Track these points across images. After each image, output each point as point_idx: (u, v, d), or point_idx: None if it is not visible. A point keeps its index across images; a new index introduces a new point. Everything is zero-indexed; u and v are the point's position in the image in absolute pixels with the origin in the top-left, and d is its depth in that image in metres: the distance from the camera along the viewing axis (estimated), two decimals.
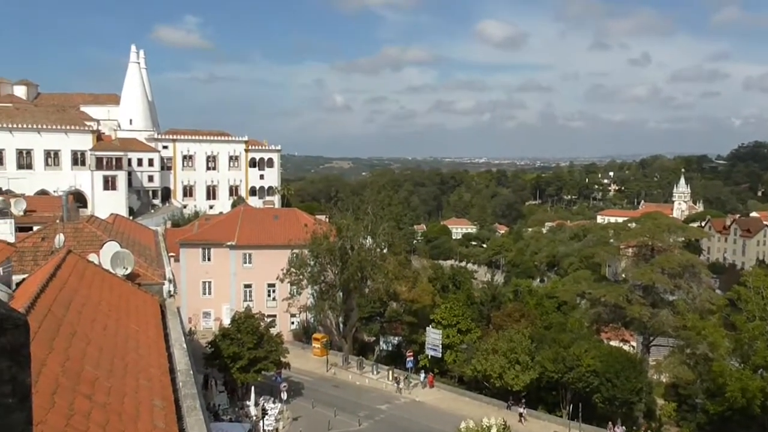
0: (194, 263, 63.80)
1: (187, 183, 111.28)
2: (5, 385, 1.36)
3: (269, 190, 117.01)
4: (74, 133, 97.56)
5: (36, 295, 10.72)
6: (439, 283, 75.37)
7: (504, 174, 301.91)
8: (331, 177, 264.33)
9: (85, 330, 10.87)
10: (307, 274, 56.91)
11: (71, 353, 9.14)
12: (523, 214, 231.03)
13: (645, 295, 59.11)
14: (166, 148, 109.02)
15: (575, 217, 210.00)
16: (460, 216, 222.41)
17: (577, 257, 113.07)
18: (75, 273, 15.08)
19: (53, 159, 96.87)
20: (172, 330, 15.41)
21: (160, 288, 20.28)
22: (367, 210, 61.59)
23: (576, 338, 50.98)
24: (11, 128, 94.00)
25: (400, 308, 65.70)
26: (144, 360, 11.60)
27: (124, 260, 19.39)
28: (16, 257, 22.44)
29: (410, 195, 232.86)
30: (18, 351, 1.36)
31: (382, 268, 56.88)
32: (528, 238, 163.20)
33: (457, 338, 53.97)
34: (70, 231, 25.95)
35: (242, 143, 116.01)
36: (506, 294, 76.39)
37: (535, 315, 60.98)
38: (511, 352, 47.35)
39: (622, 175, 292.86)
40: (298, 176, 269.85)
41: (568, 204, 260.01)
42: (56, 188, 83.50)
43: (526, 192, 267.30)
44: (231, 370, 42.67)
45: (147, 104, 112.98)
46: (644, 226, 64.38)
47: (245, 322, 43.78)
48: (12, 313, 1.37)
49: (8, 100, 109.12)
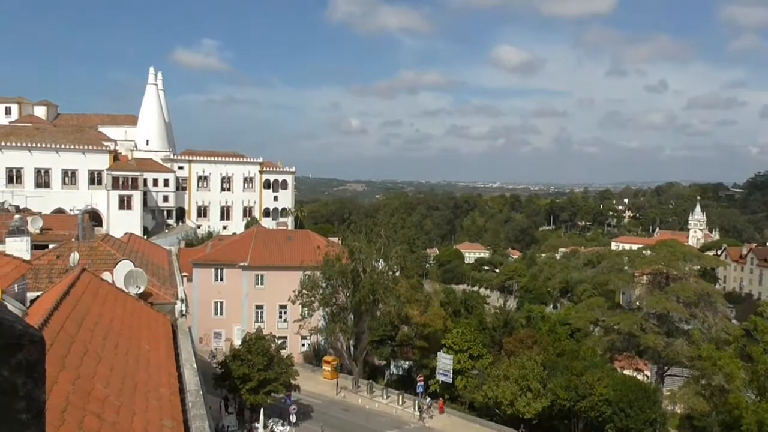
0: (207, 283, 63.98)
1: (202, 203, 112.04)
2: (20, 401, 1.36)
3: (283, 211, 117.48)
4: (92, 153, 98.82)
5: (49, 312, 10.80)
6: (451, 308, 74.91)
7: (518, 199, 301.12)
8: (345, 199, 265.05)
9: (96, 348, 10.92)
10: (319, 296, 56.85)
11: (82, 371, 9.18)
12: (537, 240, 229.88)
13: (660, 323, 58.43)
14: (181, 169, 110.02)
15: (589, 243, 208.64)
16: (473, 240, 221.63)
17: (590, 284, 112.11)
18: (88, 291, 15.18)
19: (70, 178, 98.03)
20: (183, 350, 15.43)
21: (172, 307, 20.35)
22: (380, 233, 61.59)
23: (589, 366, 50.36)
24: (30, 147, 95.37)
25: (412, 332, 65.31)
26: (154, 379, 11.61)
27: (138, 279, 19.51)
28: (32, 275, 22.62)
29: (423, 218, 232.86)
30: (33, 367, 1.36)
31: (394, 291, 56.72)
32: (541, 263, 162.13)
33: (469, 363, 53.51)
34: (85, 249, 26.19)
35: (257, 165, 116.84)
36: (519, 320, 75.72)
37: (548, 341, 60.36)
38: (522, 378, 46.85)
39: (637, 202, 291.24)
40: (312, 198, 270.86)
41: (582, 230, 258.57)
42: (72, 207, 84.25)
43: (539, 217, 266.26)
44: (241, 391, 42.54)
45: (164, 125, 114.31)
46: (659, 254, 63.86)
47: (256, 343, 43.73)
48: (28, 329, 1.37)
49: (28, 120, 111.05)
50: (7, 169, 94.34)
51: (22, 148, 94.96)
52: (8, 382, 1.38)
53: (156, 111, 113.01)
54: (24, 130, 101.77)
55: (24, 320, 1.39)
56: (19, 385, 1.38)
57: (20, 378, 1.37)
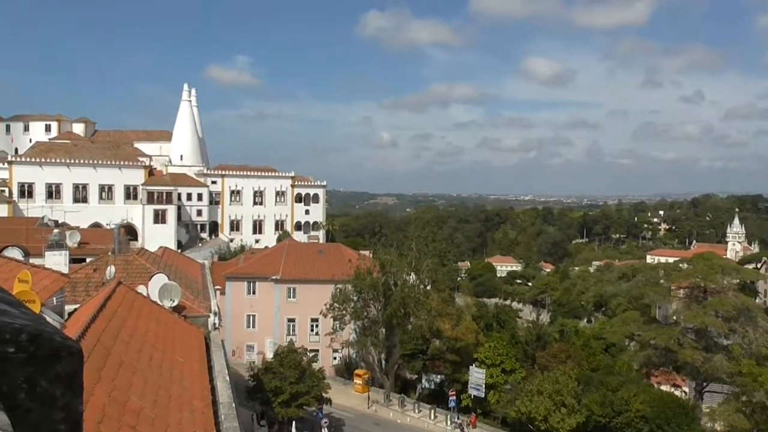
0: (239, 296, 64.53)
1: (235, 217, 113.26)
2: (58, 412, 1.37)
3: (314, 225, 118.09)
4: (127, 169, 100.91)
5: (86, 325, 11.00)
6: (483, 322, 74.40)
7: (550, 211, 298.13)
8: (376, 213, 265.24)
9: (131, 360, 11.07)
10: (350, 309, 56.89)
11: (118, 383, 9.31)
12: (570, 253, 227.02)
13: (698, 338, 57.16)
14: (214, 183, 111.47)
15: (624, 256, 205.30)
16: (505, 253, 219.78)
17: (625, 298, 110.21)
18: (124, 304, 15.43)
19: (107, 193, 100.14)
20: (216, 362, 15.56)
21: (205, 320, 20.56)
22: (411, 246, 61.50)
23: (624, 381, 49.44)
24: (69, 163, 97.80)
25: (443, 346, 64.92)
26: (188, 392, 11.72)
27: (172, 292, 19.76)
28: (69, 288, 23.09)
29: (454, 232, 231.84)
30: (72, 379, 1.38)
31: (425, 304, 56.50)
32: (574, 277, 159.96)
33: (501, 378, 52.96)
34: (121, 263, 26.65)
35: (289, 179, 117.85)
36: (552, 334, 74.82)
37: (582, 356, 59.48)
38: (556, 394, 46.15)
39: (672, 214, 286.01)
40: (343, 212, 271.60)
41: (616, 243, 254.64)
42: (109, 221, 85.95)
43: (572, 230, 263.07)
44: (272, 404, 42.69)
45: (197, 140, 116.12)
46: (696, 267, 62.56)
47: (288, 356, 43.89)
48: (67, 341, 1.38)
49: (67, 137, 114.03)
50: (47, 184, 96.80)
51: (61, 164, 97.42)
52: (47, 393, 1.39)
53: (190, 126, 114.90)
54: (63, 146, 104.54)
55: (62, 332, 1.43)
56: (58, 396, 1.39)
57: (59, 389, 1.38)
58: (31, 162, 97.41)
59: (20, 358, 1.32)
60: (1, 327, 1.34)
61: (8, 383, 1.30)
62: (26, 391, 1.32)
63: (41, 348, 1.34)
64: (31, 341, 1.33)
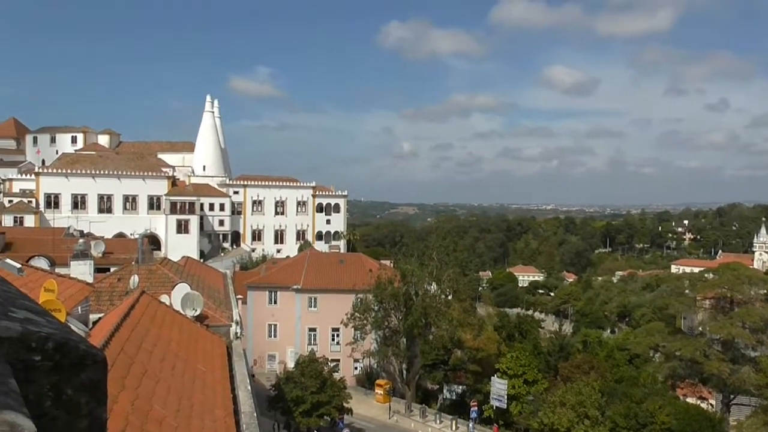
0: (261, 306, 64.79)
1: (256, 227, 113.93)
2: (83, 420, 1.39)
3: (335, 234, 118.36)
4: (151, 179, 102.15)
5: (110, 333, 11.12)
6: (504, 332, 73.85)
7: (572, 221, 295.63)
8: (397, 222, 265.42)
9: (154, 369, 11.16)
10: (371, 319, 56.83)
11: (141, 392, 9.39)
12: (593, 263, 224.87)
13: (724, 350, 56.21)
14: (236, 194, 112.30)
15: (648, 266, 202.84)
16: (527, 263, 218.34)
17: (649, 308, 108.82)
18: (147, 313, 15.57)
19: (131, 203, 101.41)
20: (238, 372, 15.63)
21: (227, 329, 20.67)
22: (431, 256, 61.33)
23: (649, 393, 48.73)
24: (94, 174, 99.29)
25: (465, 356, 64.55)
26: (210, 401, 11.78)
27: (194, 302, 19.91)
28: (94, 297, 23.38)
29: (476, 241, 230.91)
30: (96, 386, 1.40)
31: (446, 314, 56.25)
32: (597, 287, 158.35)
33: (523, 389, 52.49)
34: (144, 273, 26.92)
35: (310, 189, 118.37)
36: (575, 344, 74.09)
37: (606, 367, 58.77)
38: (579, 405, 45.61)
39: (697, 224, 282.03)
40: (364, 221, 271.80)
41: (639, 253, 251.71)
42: (133, 231, 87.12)
43: (595, 240, 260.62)
44: (294, 414, 42.71)
45: (219, 151, 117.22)
46: (722, 277, 61.61)
47: (309, 365, 43.93)
48: (92, 349, 1.40)
49: (93, 148, 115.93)
50: (73, 195, 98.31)
51: (86, 175, 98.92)
52: (72, 400, 1.39)
53: (212, 137, 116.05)
54: (88, 158, 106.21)
55: (87, 341, 1.45)
56: (83, 404, 1.39)
57: (84, 397, 1.38)
58: (58, 173, 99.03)
59: (46, 366, 1.34)
60: (28, 336, 1.36)
61: (35, 391, 1.33)
62: (52, 399, 1.35)
63: (67, 356, 1.36)
64: (57, 350, 1.36)
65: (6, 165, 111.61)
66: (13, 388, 1.23)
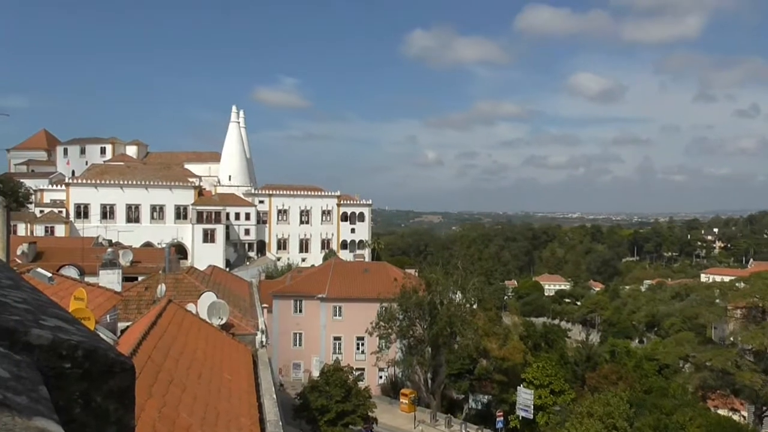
0: (286, 314, 65.06)
1: (282, 236, 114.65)
2: (111, 426, 1.41)
3: (360, 243, 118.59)
4: (178, 189, 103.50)
5: (138, 342, 11.25)
6: (530, 341, 73.26)
7: (599, 229, 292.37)
8: (421, 231, 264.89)
9: (181, 377, 11.26)
10: (396, 328, 56.72)
11: (168, 400, 9.47)
12: (620, 271, 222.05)
13: (757, 360, 55.04)
14: (262, 203, 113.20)
15: (676, 275, 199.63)
16: (553, 272, 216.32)
17: (679, 318, 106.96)
18: (174, 322, 15.73)
19: (158, 213, 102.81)
20: (263, 380, 15.69)
21: (252, 338, 20.77)
22: (456, 264, 61.08)
23: (679, 405, 47.87)
24: (122, 185, 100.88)
25: (490, 366, 64.09)
26: (235, 409, 11.84)
27: (220, 310, 20.05)
28: (122, 305, 23.68)
29: (501, 250, 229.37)
30: (124, 394, 1.42)
31: (471, 323, 55.93)
32: (625, 296, 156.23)
33: (550, 399, 51.91)
34: (171, 281, 27.21)
35: (334, 198, 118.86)
36: (602, 354, 73.16)
37: (634, 378, 57.93)
38: (607, 416, 44.88)
39: (728, 232, 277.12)
40: (389, 230, 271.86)
41: (668, 261, 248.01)
42: (160, 240, 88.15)
43: (622, 248, 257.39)
44: (319, 423, 42.72)
45: (245, 161, 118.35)
46: (754, 286, 60.39)
47: (334, 374, 43.95)
48: (120, 357, 1.42)
49: (121, 159, 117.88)
50: (102, 205, 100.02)
51: (115, 185, 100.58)
52: (101, 407, 1.39)
53: (238, 148, 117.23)
54: (117, 168, 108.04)
55: (116, 349, 1.48)
56: (111, 411, 1.39)
57: (112, 404, 1.39)
58: (87, 183, 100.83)
59: (76, 373, 1.37)
60: (58, 343, 1.39)
61: (64, 398, 1.35)
62: (81, 406, 1.37)
63: (96, 364, 1.38)
64: (87, 357, 1.38)
65: (37, 176, 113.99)
66: (44, 395, 1.24)
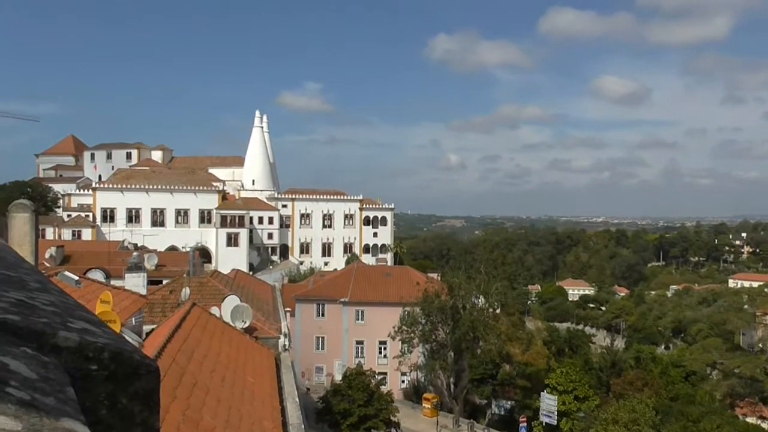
0: (309, 318, 65.26)
1: (304, 240, 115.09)
2: (136, 428, 1.43)
3: (382, 247, 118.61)
4: (202, 194, 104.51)
5: (163, 344, 11.37)
6: (554, 346, 72.66)
7: (624, 234, 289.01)
8: (444, 235, 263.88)
9: (205, 380, 11.34)
10: (418, 332, 56.59)
11: (192, 402, 9.55)
12: (645, 276, 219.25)
13: None
14: (285, 207, 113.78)
15: (704, 280, 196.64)
16: (577, 277, 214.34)
17: (706, 323, 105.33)
18: (198, 325, 15.86)
19: (183, 217, 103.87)
20: (286, 384, 15.75)
21: (275, 342, 20.87)
22: (479, 269, 60.81)
23: (706, 412, 47.10)
24: (148, 189, 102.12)
25: (513, 371, 63.64)
26: (258, 412, 11.90)
27: (243, 314, 20.18)
28: (147, 308, 23.96)
29: (524, 254, 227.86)
30: (149, 396, 1.44)
31: (494, 328, 55.62)
32: (651, 301, 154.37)
33: (574, 405, 51.40)
34: (195, 285, 27.47)
35: (357, 202, 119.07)
36: (627, 360, 72.22)
37: (660, 384, 57.12)
38: (633, 423, 44.34)
39: (756, 236, 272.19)
40: (411, 234, 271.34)
41: (695, 266, 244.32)
42: (184, 244, 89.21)
43: (648, 253, 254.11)
44: (341, 427, 42.75)
45: (268, 165, 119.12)
46: None
47: (356, 378, 43.97)
48: (145, 359, 1.44)
49: (146, 164, 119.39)
50: (128, 209, 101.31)
51: (140, 190, 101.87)
52: (127, 409, 1.41)
53: (261, 152, 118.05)
54: (142, 173, 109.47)
55: (141, 351, 1.50)
56: (136, 413, 1.41)
57: (137, 406, 1.41)
58: (113, 188, 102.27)
59: (102, 375, 1.38)
60: (85, 345, 1.41)
61: (91, 399, 1.37)
62: (107, 407, 1.39)
63: (121, 366, 1.40)
64: (113, 359, 1.40)
65: (65, 181, 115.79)
66: (71, 396, 1.25)
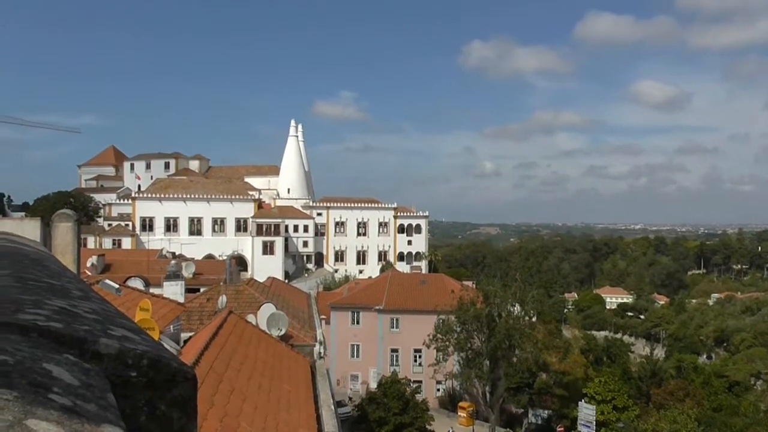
0: (344, 326, 65.39)
1: (339, 248, 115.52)
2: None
3: (417, 255, 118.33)
4: (238, 202, 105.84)
5: (200, 352, 11.51)
6: (592, 355, 71.47)
7: (663, 241, 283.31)
8: (479, 243, 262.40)
9: (242, 387, 11.44)
10: (454, 340, 56.21)
11: (229, 409, 9.64)
12: (686, 284, 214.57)
13: None
14: (320, 215, 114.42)
15: (747, 288, 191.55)
16: (615, 284, 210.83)
17: (750, 333, 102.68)
18: (235, 333, 16.02)
19: (219, 226, 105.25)
20: (322, 391, 15.79)
21: (311, 349, 20.95)
22: (515, 276, 60.23)
23: (751, 423, 45.78)
24: (185, 198, 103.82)
25: (550, 380, 62.80)
26: (294, 420, 11.95)
27: (279, 322, 20.31)
28: (185, 316, 24.29)
29: (561, 262, 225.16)
30: (187, 403, 1.46)
31: (530, 336, 54.96)
32: (692, 309, 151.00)
33: (613, 415, 50.45)
34: (232, 293, 27.77)
35: (391, 210, 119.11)
36: (668, 370, 70.68)
37: (702, 395, 55.74)
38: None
39: None
40: (446, 242, 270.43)
41: (737, 274, 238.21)
42: (221, 253, 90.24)
43: (688, 260, 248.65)
44: None
45: (303, 174, 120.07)
46: None
47: (391, 386, 43.91)
48: (183, 367, 1.46)
49: (184, 173, 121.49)
50: (166, 218, 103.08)
51: (178, 199, 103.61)
52: (165, 415, 1.43)
53: (296, 161, 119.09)
54: (180, 182, 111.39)
55: (179, 359, 1.52)
56: (175, 419, 1.43)
57: (175, 412, 1.43)
58: (152, 198, 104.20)
59: (141, 382, 1.41)
60: (125, 353, 1.44)
61: (130, 406, 1.40)
62: (146, 414, 1.41)
63: (160, 373, 1.42)
64: (151, 366, 1.42)
65: (106, 191, 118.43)
66: (111, 403, 1.27)
